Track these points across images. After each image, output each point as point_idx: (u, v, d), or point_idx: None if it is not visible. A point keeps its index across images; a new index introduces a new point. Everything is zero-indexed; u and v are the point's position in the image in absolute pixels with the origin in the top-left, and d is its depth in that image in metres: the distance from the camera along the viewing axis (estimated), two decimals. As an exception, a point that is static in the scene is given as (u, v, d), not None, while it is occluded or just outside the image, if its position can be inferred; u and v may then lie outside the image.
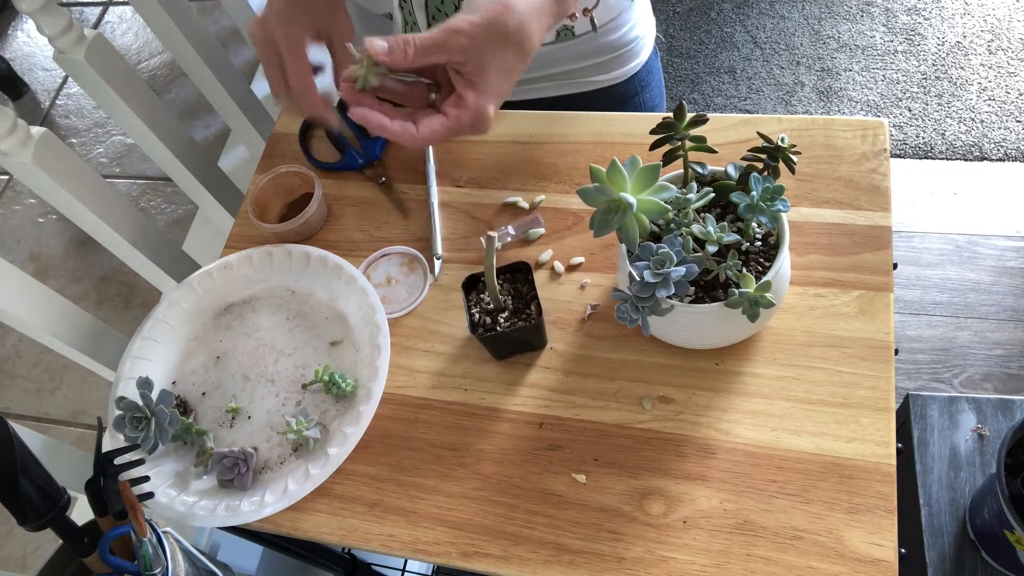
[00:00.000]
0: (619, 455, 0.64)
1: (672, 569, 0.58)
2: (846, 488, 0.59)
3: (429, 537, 0.63)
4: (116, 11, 2.62)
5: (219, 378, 0.74)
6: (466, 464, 0.66)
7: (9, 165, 0.78)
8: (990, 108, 1.92)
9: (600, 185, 0.54)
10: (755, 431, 0.62)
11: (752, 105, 2.05)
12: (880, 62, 2.04)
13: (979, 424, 1.02)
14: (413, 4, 0.78)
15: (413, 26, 0.81)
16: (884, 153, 0.73)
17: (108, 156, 2.28)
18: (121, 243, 0.91)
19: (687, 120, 0.60)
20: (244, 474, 0.66)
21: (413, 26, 0.81)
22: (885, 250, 0.68)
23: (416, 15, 0.79)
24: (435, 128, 0.57)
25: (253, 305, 0.78)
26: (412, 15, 0.80)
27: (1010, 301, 1.66)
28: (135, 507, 0.60)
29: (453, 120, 0.57)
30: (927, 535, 0.97)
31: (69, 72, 0.86)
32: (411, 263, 0.78)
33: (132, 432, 0.66)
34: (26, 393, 1.88)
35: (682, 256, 0.56)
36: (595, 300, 0.71)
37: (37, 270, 2.08)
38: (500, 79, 0.57)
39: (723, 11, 2.23)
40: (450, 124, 0.57)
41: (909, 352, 1.62)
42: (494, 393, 0.69)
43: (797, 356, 0.65)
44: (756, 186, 0.58)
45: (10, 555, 1.61)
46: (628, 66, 0.91)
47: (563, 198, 0.78)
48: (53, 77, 2.51)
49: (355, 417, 0.67)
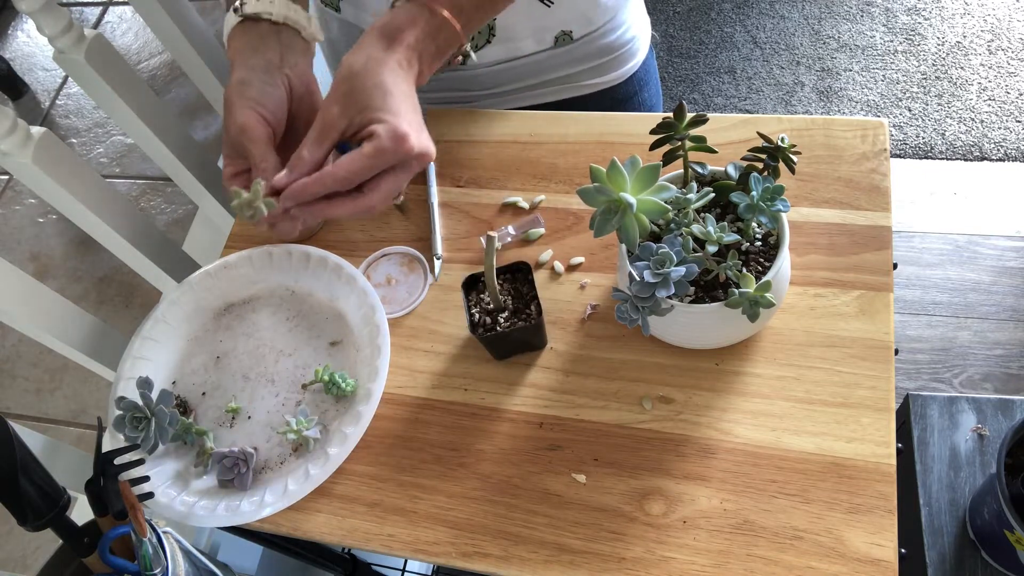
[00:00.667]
0: (619, 455, 0.64)
1: (672, 569, 0.58)
2: (846, 488, 0.59)
3: (429, 537, 0.63)
4: (116, 11, 2.62)
5: (219, 378, 0.74)
6: (466, 464, 0.66)
7: (9, 165, 0.78)
8: (990, 108, 1.92)
9: (600, 185, 0.54)
10: (755, 431, 0.63)
11: (752, 105, 2.05)
12: (880, 62, 2.04)
13: (979, 424, 1.03)
14: None
15: None
16: (884, 153, 0.73)
17: (108, 156, 2.28)
18: (121, 243, 0.91)
19: (687, 120, 0.60)
20: (244, 474, 0.66)
21: None
22: (885, 250, 0.68)
23: None
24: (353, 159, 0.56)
25: (253, 305, 0.78)
26: None
27: (1010, 301, 1.66)
28: (135, 507, 0.60)
29: (371, 149, 0.56)
30: (927, 535, 0.97)
31: (69, 72, 0.86)
32: (411, 263, 0.78)
33: (132, 432, 0.66)
34: (26, 393, 1.88)
35: (682, 256, 0.56)
36: (595, 300, 0.71)
37: (37, 270, 2.08)
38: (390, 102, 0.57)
39: (723, 11, 2.23)
40: (368, 153, 0.56)
41: (909, 352, 1.63)
42: (494, 393, 0.69)
43: (797, 356, 0.65)
44: (756, 186, 0.58)
45: (10, 555, 1.61)
46: (626, 67, 0.91)
47: (563, 198, 0.78)
48: (53, 77, 2.51)
49: (355, 417, 0.67)
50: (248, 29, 0.64)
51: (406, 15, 0.61)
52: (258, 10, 0.64)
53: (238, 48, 0.63)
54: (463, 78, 0.88)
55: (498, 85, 0.89)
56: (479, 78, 0.88)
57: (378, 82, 0.58)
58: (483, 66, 0.86)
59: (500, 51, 0.84)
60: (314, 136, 0.58)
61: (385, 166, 0.57)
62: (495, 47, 0.83)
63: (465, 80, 0.88)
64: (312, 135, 0.58)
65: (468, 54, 0.70)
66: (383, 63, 0.59)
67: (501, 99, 0.91)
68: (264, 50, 0.63)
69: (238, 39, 0.64)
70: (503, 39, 0.83)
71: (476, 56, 0.83)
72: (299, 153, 0.57)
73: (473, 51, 0.83)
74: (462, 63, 0.79)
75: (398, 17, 0.61)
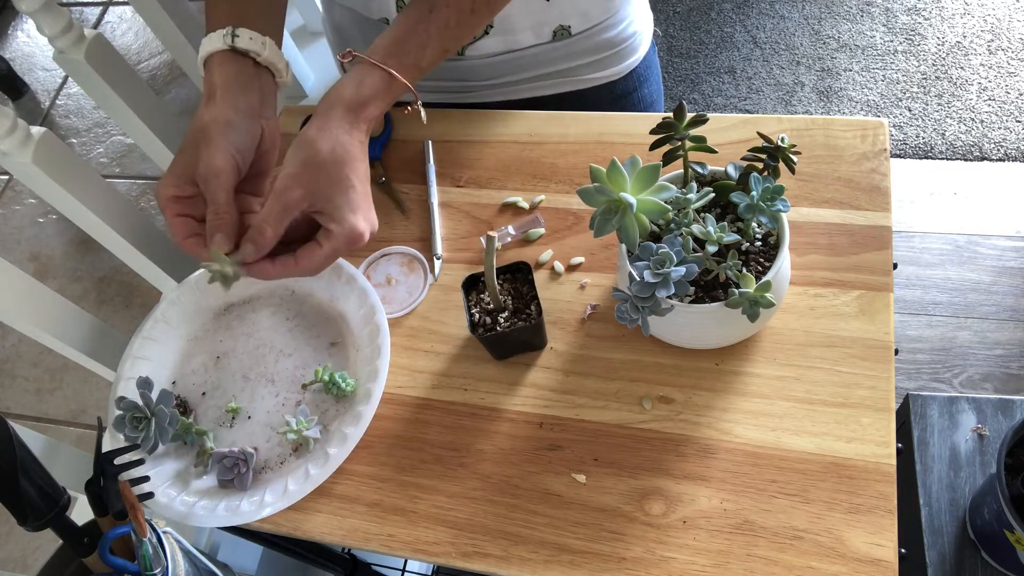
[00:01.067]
0: (619, 455, 0.64)
1: (672, 569, 0.58)
2: (846, 488, 0.59)
3: (429, 537, 0.63)
4: (116, 11, 2.62)
5: (219, 378, 0.74)
6: (466, 464, 0.66)
7: (9, 165, 0.79)
8: (990, 108, 1.92)
9: (600, 185, 0.54)
10: (755, 431, 0.63)
11: (752, 105, 2.05)
12: (880, 62, 2.04)
13: (979, 424, 1.03)
14: None
15: None
16: (884, 153, 0.73)
17: (108, 156, 2.28)
18: (121, 243, 0.91)
19: (687, 120, 0.60)
20: (244, 474, 0.66)
21: None
22: (885, 250, 0.68)
23: None
24: (313, 257, 0.61)
25: (253, 305, 0.78)
26: None
27: (1010, 301, 1.66)
28: (135, 507, 0.60)
29: (328, 248, 0.61)
30: (927, 535, 0.97)
31: (69, 72, 0.87)
32: (411, 263, 0.78)
33: (132, 432, 0.66)
34: (26, 393, 1.88)
35: (682, 256, 0.56)
36: (595, 300, 0.71)
37: (37, 270, 2.08)
38: (349, 195, 0.61)
39: (723, 11, 2.23)
40: (326, 252, 0.61)
41: (909, 352, 1.63)
42: (494, 393, 0.69)
43: (797, 356, 0.65)
44: (756, 186, 0.58)
45: (10, 555, 1.61)
46: (626, 62, 0.91)
47: (563, 198, 0.78)
48: (53, 77, 2.51)
49: (355, 417, 0.67)
50: (233, 61, 0.64)
51: (371, 88, 0.62)
52: (249, 48, 0.64)
53: (224, 82, 0.63)
54: (460, 69, 0.88)
55: (496, 76, 0.89)
56: (476, 69, 0.87)
57: (343, 176, 0.60)
58: (481, 57, 0.86)
59: (498, 43, 0.84)
60: (276, 212, 0.59)
61: (337, 255, 0.62)
62: (493, 39, 0.83)
63: (462, 71, 0.88)
64: (274, 211, 0.59)
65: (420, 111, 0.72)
66: (348, 150, 0.61)
67: (499, 91, 0.91)
68: (249, 92, 0.64)
69: (223, 69, 0.64)
70: (501, 31, 0.83)
71: (474, 47, 0.84)
72: (262, 228, 0.59)
73: (473, 41, 0.84)
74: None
75: (363, 91, 0.62)
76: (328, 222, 0.60)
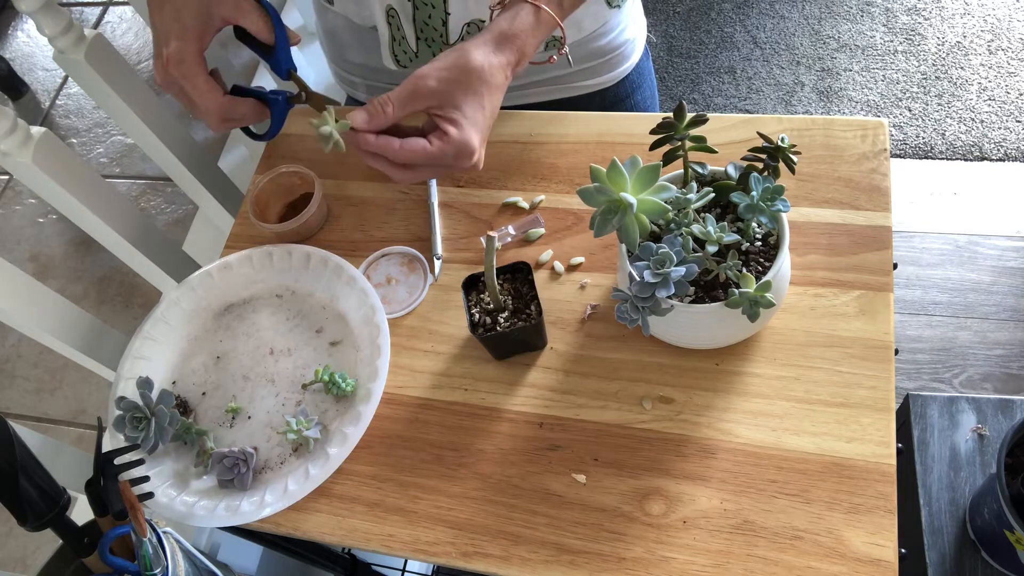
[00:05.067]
0: (619, 455, 0.64)
1: (672, 569, 0.58)
2: (846, 488, 0.59)
3: (429, 537, 0.63)
4: (116, 11, 2.62)
5: (219, 378, 0.74)
6: (466, 464, 0.66)
7: (9, 165, 0.78)
8: (990, 108, 1.92)
9: (600, 185, 0.54)
10: (755, 431, 0.62)
11: (752, 105, 2.05)
12: (880, 62, 2.04)
13: (979, 424, 1.02)
14: (401, 19, 0.78)
15: (402, 40, 0.81)
16: (884, 153, 0.73)
17: (108, 156, 2.28)
18: (121, 243, 0.91)
19: (687, 120, 0.60)
20: (244, 474, 0.66)
21: (402, 40, 0.81)
22: (885, 250, 0.68)
23: (404, 29, 0.79)
24: (415, 149, 0.60)
25: (253, 305, 0.78)
26: (400, 29, 0.80)
27: (1010, 301, 1.66)
28: (135, 507, 0.60)
29: (436, 148, 0.60)
30: (927, 535, 0.97)
31: (69, 72, 0.86)
32: (411, 263, 0.78)
33: (132, 432, 0.66)
34: (26, 393, 1.88)
35: (682, 256, 0.56)
36: (595, 300, 0.71)
37: (37, 270, 2.08)
38: (477, 113, 0.61)
39: (723, 11, 2.23)
40: (432, 151, 0.60)
41: (909, 352, 1.62)
42: (494, 393, 0.69)
43: (797, 356, 0.65)
44: (756, 186, 0.58)
45: (10, 555, 1.61)
46: (618, 70, 0.91)
47: (563, 198, 0.78)
48: (53, 77, 2.51)
49: (355, 417, 0.67)
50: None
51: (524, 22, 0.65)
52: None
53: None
54: None
55: None
56: None
57: (480, 92, 0.61)
58: None
59: None
60: (405, 94, 0.60)
61: (439, 163, 0.61)
62: None
63: None
64: (404, 92, 0.60)
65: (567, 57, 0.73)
66: (494, 74, 0.62)
67: None
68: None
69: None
70: None
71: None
72: (383, 106, 0.60)
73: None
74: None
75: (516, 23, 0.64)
76: (448, 125, 0.61)
